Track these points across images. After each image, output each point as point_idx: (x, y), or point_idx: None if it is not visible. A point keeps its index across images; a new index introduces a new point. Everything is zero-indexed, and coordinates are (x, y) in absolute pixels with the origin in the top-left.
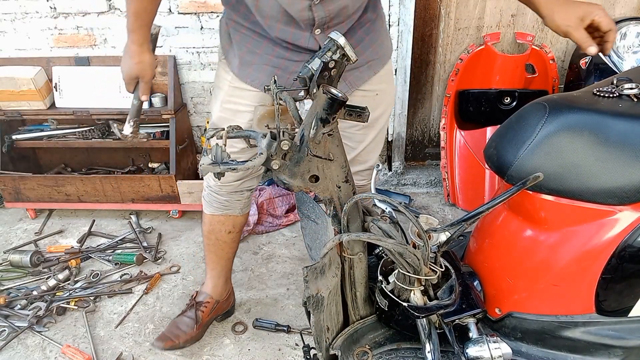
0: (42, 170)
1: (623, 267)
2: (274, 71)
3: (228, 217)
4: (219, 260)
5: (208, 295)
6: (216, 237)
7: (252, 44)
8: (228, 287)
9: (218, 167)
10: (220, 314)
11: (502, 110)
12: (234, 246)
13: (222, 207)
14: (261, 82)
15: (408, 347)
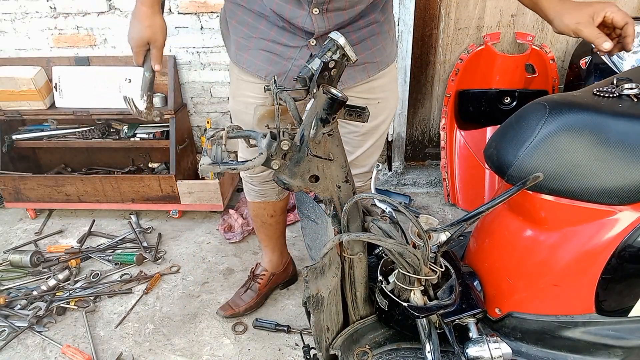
0: (42, 170)
1: (623, 267)
2: (270, 56)
3: (267, 204)
4: (269, 239)
5: (263, 268)
6: (261, 220)
7: (249, 28)
8: (284, 259)
9: (218, 167)
10: (280, 282)
11: (502, 110)
12: (279, 227)
13: (259, 195)
14: (257, 67)
15: (408, 347)
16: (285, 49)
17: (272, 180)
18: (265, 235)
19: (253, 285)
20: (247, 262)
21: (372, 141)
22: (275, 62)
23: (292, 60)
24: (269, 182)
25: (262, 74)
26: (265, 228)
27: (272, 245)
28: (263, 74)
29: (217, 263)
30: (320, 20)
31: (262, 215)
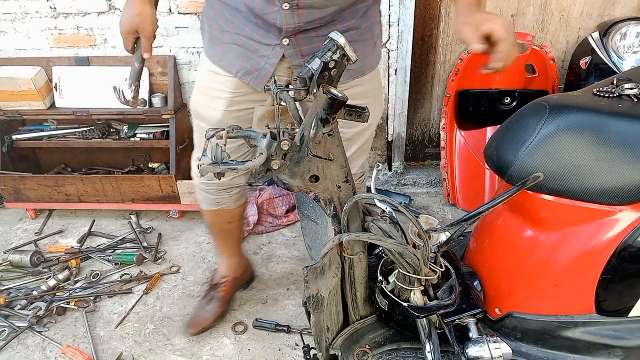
0: (42, 170)
1: (623, 267)
2: (244, 52)
3: (224, 211)
4: (226, 244)
5: (223, 275)
6: (218, 227)
7: (225, 22)
8: (242, 261)
9: (218, 167)
10: (242, 284)
11: (502, 110)
12: (237, 232)
13: (215, 203)
14: (229, 62)
15: (408, 347)
16: (259, 46)
17: (228, 188)
18: (224, 242)
19: (215, 295)
20: None
21: (357, 146)
22: (248, 58)
23: (265, 58)
24: (226, 189)
25: (234, 69)
26: (223, 235)
27: (230, 251)
28: (234, 69)
29: (217, 263)
30: (291, 16)
31: (219, 223)
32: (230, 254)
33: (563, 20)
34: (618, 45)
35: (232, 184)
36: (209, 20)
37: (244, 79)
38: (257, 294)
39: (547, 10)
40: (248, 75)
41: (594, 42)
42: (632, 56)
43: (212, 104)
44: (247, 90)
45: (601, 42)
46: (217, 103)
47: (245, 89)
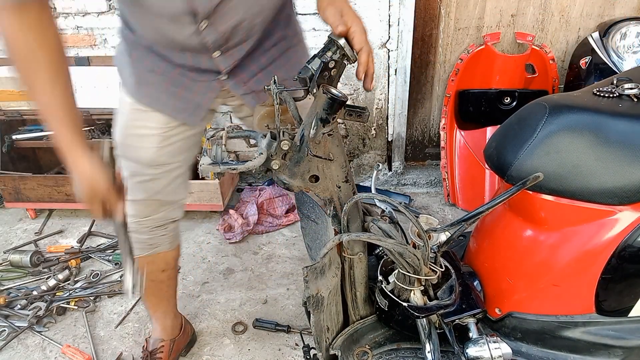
0: (42, 170)
1: (623, 267)
2: (177, 91)
3: (157, 256)
4: (160, 301)
5: (159, 339)
6: (150, 279)
7: (152, 62)
8: (179, 321)
9: (218, 167)
10: (182, 348)
11: (502, 110)
12: (172, 283)
13: (147, 246)
14: (162, 103)
15: (408, 347)
16: (193, 83)
17: (163, 225)
18: (155, 297)
19: None
20: (247, 262)
21: None
22: (181, 97)
23: (200, 95)
24: (161, 227)
25: (168, 110)
26: (156, 287)
27: (164, 308)
28: (169, 110)
29: (217, 263)
30: (224, 60)
31: (151, 273)
32: (165, 312)
33: (563, 20)
34: (618, 45)
35: (167, 219)
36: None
37: (178, 117)
38: (257, 294)
39: (547, 10)
40: (182, 112)
41: (594, 42)
42: (632, 56)
43: (142, 144)
44: (177, 124)
45: (601, 42)
46: (147, 142)
47: (173, 123)
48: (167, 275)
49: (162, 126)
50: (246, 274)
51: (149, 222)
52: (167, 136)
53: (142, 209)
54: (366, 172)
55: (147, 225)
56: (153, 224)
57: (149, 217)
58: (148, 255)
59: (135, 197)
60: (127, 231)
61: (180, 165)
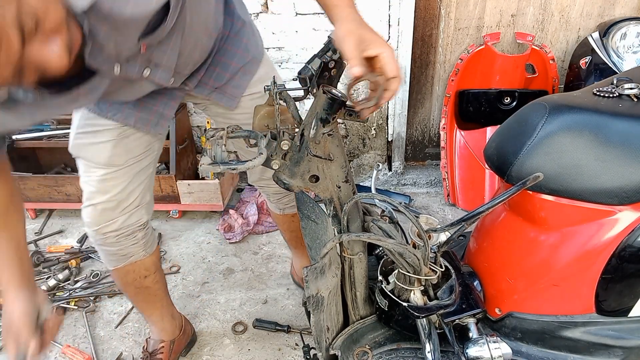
0: (42, 170)
1: (623, 267)
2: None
3: (134, 265)
4: (152, 305)
5: (158, 340)
6: (135, 287)
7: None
8: (177, 321)
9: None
10: (182, 348)
11: (502, 110)
12: (160, 286)
13: (120, 257)
14: (124, 114)
15: (408, 347)
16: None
17: (131, 234)
18: (146, 303)
19: None
20: (247, 262)
21: None
22: (144, 108)
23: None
24: (128, 235)
25: (131, 121)
26: (144, 294)
27: (158, 312)
28: (132, 121)
29: (217, 263)
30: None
31: (133, 281)
32: (160, 316)
33: (563, 20)
34: (618, 45)
35: (130, 224)
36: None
37: (143, 129)
38: (257, 294)
39: (547, 10)
40: (147, 123)
41: (594, 42)
42: (632, 56)
43: (97, 139)
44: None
45: (601, 42)
46: (102, 136)
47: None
48: (152, 280)
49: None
50: (246, 274)
51: (111, 230)
52: (122, 130)
53: (101, 214)
54: (366, 172)
55: (112, 235)
56: (117, 233)
57: (110, 222)
58: (124, 266)
59: (94, 201)
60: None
61: (139, 161)
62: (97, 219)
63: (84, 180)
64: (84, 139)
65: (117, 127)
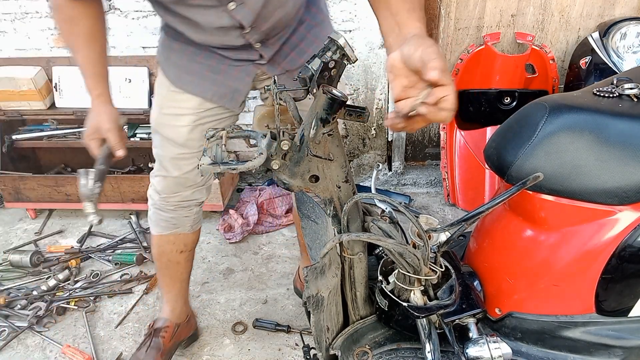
0: (42, 170)
1: (623, 267)
2: (216, 77)
3: (178, 236)
4: (173, 282)
5: (167, 319)
6: (168, 258)
7: (192, 52)
8: (187, 309)
9: (218, 167)
10: (183, 338)
11: (502, 110)
12: (188, 266)
13: (170, 225)
14: (202, 88)
15: (408, 347)
16: (231, 69)
17: (188, 206)
18: (170, 279)
19: (155, 342)
20: (247, 262)
21: None
22: (220, 82)
23: (238, 81)
24: (185, 207)
25: (208, 95)
26: (171, 268)
27: (177, 291)
28: (209, 95)
29: (217, 263)
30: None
31: (169, 252)
32: (177, 295)
33: (563, 20)
34: (618, 45)
35: (192, 199)
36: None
37: (219, 102)
38: (257, 294)
39: (547, 10)
40: (223, 98)
41: (594, 42)
42: (632, 56)
43: (177, 122)
44: (212, 106)
45: (601, 42)
46: (182, 120)
47: (209, 104)
48: (185, 257)
49: (197, 106)
50: (246, 274)
51: (175, 200)
52: (200, 117)
53: (171, 185)
54: (366, 172)
55: (173, 203)
56: (178, 203)
57: (177, 193)
58: (170, 235)
59: (167, 174)
60: (107, 163)
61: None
62: (165, 189)
63: (157, 153)
64: (165, 119)
65: (195, 113)
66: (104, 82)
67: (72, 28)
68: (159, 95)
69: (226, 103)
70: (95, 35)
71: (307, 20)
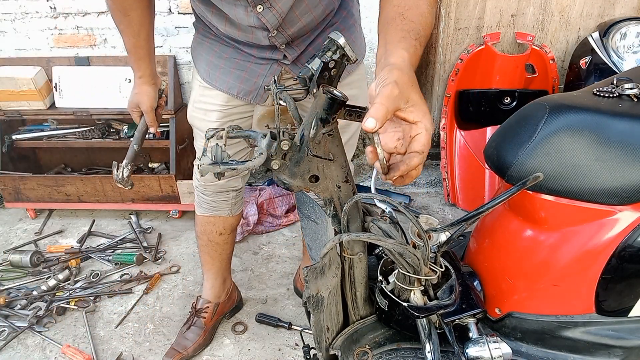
0: (42, 170)
1: (623, 267)
2: (242, 74)
3: (218, 219)
4: (213, 261)
5: (206, 300)
6: (208, 238)
7: (220, 48)
8: (227, 286)
9: (218, 167)
10: (226, 312)
11: (502, 110)
12: (227, 248)
13: (210, 207)
14: (229, 85)
15: (408, 347)
16: (256, 67)
17: (225, 191)
18: (210, 257)
19: (197, 322)
20: (247, 262)
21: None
22: (246, 79)
23: (262, 77)
24: (222, 192)
25: (234, 91)
26: (211, 248)
27: (216, 270)
28: (235, 91)
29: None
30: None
31: (209, 232)
32: (215, 274)
33: (563, 20)
34: (618, 45)
35: (229, 187)
36: (206, 49)
37: (245, 99)
38: (257, 294)
39: (547, 10)
40: (248, 95)
41: (594, 42)
42: (632, 56)
43: (207, 117)
44: (239, 103)
45: (601, 42)
46: (211, 116)
47: (236, 102)
48: (224, 239)
49: (224, 103)
50: (246, 274)
51: (213, 187)
52: (227, 113)
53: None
54: (366, 172)
55: (212, 189)
56: (216, 189)
57: (213, 182)
58: (210, 216)
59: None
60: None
61: (237, 143)
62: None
63: (197, 145)
64: (197, 113)
65: (223, 110)
66: (146, 65)
67: (123, 17)
68: (193, 90)
69: (252, 100)
70: (143, 24)
71: (336, 23)
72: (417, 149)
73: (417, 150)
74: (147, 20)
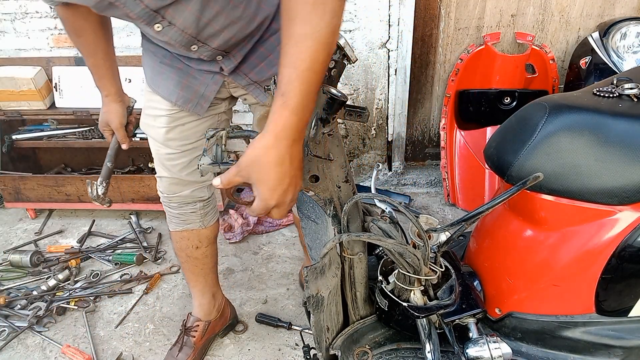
0: (42, 170)
1: (623, 267)
2: (182, 81)
3: (190, 232)
4: (197, 277)
5: (196, 318)
6: (186, 254)
7: (163, 54)
8: (217, 302)
9: (218, 167)
10: (218, 331)
11: (502, 110)
12: (208, 262)
13: (180, 222)
14: (169, 91)
15: (408, 347)
16: (198, 74)
17: (192, 202)
18: (192, 274)
19: (187, 341)
20: (247, 262)
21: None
22: (186, 87)
23: (204, 86)
24: (189, 204)
25: (173, 98)
26: (191, 264)
27: (202, 286)
28: (174, 98)
29: (217, 263)
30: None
31: (186, 248)
32: (202, 291)
33: (563, 20)
34: (618, 45)
35: (194, 197)
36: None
37: (183, 107)
38: (257, 294)
39: (547, 10)
40: (187, 103)
41: (594, 42)
42: (632, 56)
43: (155, 122)
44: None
45: (601, 42)
46: (158, 121)
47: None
48: (202, 253)
49: (169, 107)
50: (246, 274)
51: (177, 199)
52: (174, 117)
53: (167, 186)
54: (366, 172)
55: (176, 201)
56: (181, 201)
57: (176, 193)
58: (183, 231)
59: (161, 174)
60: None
61: (194, 148)
62: (164, 189)
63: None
64: (147, 119)
65: (169, 115)
66: (110, 84)
67: (77, 39)
68: (143, 96)
69: (191, 108)
70: (98, 44)
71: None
72: (250, 212)
73: (251, 213)
74: (102, 41)
